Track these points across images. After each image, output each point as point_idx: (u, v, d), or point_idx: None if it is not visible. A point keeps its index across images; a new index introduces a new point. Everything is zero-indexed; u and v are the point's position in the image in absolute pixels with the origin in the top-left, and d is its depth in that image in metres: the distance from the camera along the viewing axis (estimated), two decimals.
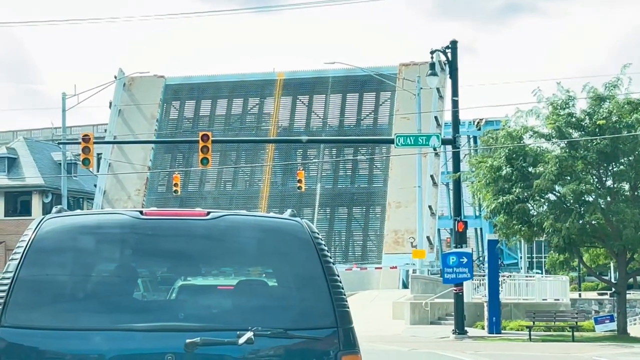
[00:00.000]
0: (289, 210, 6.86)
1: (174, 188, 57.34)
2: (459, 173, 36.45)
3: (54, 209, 6.70)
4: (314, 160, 68.06)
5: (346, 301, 6.23)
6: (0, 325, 5.92)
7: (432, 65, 39.20)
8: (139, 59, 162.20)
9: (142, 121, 71.32)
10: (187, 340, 5.81)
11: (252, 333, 5.85)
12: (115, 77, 70.68)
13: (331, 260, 6.31)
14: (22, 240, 6.22)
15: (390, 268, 60.24)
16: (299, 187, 55.40)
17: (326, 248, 6.40)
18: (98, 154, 69.47)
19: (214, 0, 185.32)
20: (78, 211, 6.80)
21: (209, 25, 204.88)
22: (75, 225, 6.47)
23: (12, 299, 5.97)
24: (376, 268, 61.53)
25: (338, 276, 6.27)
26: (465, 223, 36.03)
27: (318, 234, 6.46)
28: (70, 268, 6.21)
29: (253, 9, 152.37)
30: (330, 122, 69.99)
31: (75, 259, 6.25)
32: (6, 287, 6.00)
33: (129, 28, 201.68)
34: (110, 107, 71.72)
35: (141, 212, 6.44)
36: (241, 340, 5.83)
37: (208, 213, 6.45)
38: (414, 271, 53.40)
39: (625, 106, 33.43)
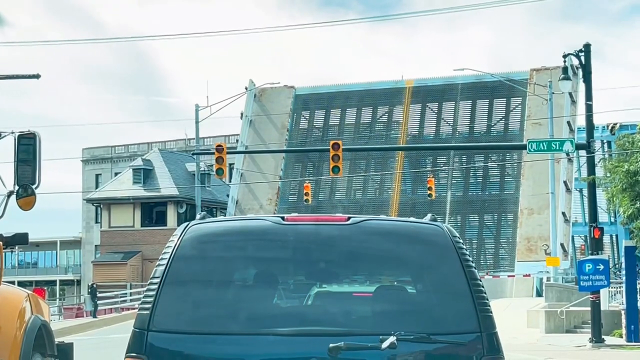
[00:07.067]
0: (429, 215, 6.84)
1: (305, 197, 57.83)
2: (593, 176, 35.72)
3: (198, 216, 6.85)
4: (443, 168, 67.61)
5: (489, 306, 6.16)
6: (148, 330, 6.06)
7: (565, 70, 38.50)
8: (267, 70, 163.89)
9: (273, 131, 72.11)
10: (331, 345, 5.82)
11: (395, 338, 5.85)
12: (246, 89, 71.68)
13: (473, 265, 6.25)
14: (168, 247, 6.35)
15: (524, 276, 59.37)
16: (429, 195, 55.22)
17: (467, 252, 6.35)
18: (230, 164, 70.59)
19: (330, 12, 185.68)
20: (221, 217, 6.93)
21: (328, 36, 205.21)
22: (219, 231, 6.59)
23: (159, 304, 6.11)
24: (509, 276, 60.70)
25: (480, 280, 6.21)
26: (601, 229, 35.24)
27: (459, 238, 6.42)
28: (214, 273, 6.32)
29: (371, 19, 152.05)
30: (460, 129, 69.42)
31: (218, 264, 6.36)
32: (154, 293, 6.14)
33: (257, 40, 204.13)
34: (241, 117, 72.75)
35: (283, 218, 6.51)
36: (384, 345, 5.83)
37: (349, 218, 6.48)
38: (548, 279, 52.51)
39: None
